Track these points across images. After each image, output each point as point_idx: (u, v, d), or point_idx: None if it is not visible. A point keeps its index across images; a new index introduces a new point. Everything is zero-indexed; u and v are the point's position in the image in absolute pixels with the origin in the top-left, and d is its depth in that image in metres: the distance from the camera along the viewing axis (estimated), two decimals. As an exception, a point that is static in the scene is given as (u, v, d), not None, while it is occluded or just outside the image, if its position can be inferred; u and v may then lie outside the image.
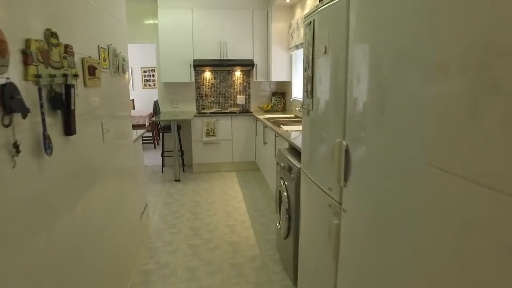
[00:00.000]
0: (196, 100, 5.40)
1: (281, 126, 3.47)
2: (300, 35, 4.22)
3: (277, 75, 4.96)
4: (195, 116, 4.83)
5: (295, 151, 2.44)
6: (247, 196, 4.05)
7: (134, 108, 8.14)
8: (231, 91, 5.44)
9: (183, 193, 4.18)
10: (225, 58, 4.98)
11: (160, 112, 5.28)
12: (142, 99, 8.30)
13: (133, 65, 8.28)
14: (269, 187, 4.14)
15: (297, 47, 4.46)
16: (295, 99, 4.33)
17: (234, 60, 4.96)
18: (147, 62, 8.01)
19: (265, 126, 4.01)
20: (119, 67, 2.27)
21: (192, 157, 4.99)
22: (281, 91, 5.44)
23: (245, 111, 5.16)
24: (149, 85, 8.39)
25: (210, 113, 4.92)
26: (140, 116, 6.57)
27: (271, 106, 5.20)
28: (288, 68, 4.97)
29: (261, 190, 4.22)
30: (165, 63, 4.92)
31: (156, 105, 5.02)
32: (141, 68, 8.28)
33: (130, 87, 8.40)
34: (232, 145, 5.01)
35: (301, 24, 4.17)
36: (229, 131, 4.95)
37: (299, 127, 3.15)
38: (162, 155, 5.16)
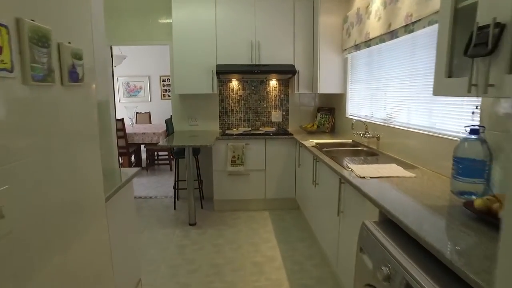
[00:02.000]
0: (219, 117, 4.27)
1: (347, 164, 2.23)
2: (363, 30, 3.00)
3: (326, 86, 3.74)
4: (217, 138, 3.68)
5: (395, 229, 1.21)
6: (285, 250, 2.81)
7: (150, 122, 7.16)
8: (264, 105, 4.27)
9: (198, 247, 3.00)
10: (257, 63, 3.83)
11: (173, 132, 4.18)
12: (161, 112, 7.32)
13: (150, 73, 7.34)
14: (312, 231, 2.89)
15: (357, 47, 3.23)
16: (359, 121, 3.09)
17: (269, 65, 3.80)
18: (166, 69, 7.03)
19: (316, 159, 2.78)
20: (63, 69, 1.15)
21: (213, 190, 3.82)
22: (329, 106, 4.21)
23: (282, 132, 3.96)
24: (169, 96, 7.41)
25: (237, 134, 3.76)
26: (154, 133, 5.53)
27: (317, 126, 3.97)
28: (341, 76, 3.73)
29: (301, 236, 2.97)
30: (181, 70, 3.83)
31: (168, 124, 3.96)
32: (160, 76, 7.32)
33: (147, 98, 7.47)
34: (266, 177, 3.81)
35: (365, 15, 2.93)
36: (262, 159, 3.76)
37: (379, 168, 1.93)
38: (175, 187, 4.04)
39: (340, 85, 3.75)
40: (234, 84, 4.21)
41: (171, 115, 4.37)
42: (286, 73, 3.78)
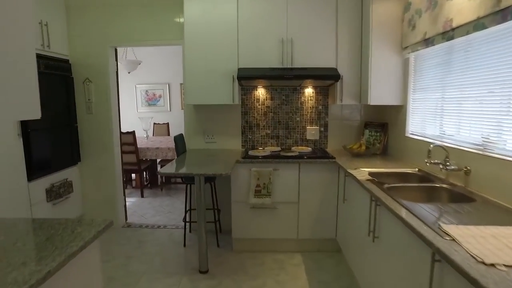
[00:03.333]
0: (242, 133, 3.49)
1: (440, 225, 1.36)
2: (440, 17, 2.13)
3: (380, 95, 2.87)
4: (237, 162, 2.90)
5: None
6: None
7: (168, 134, 6.53)
8: (298, 119, 3.45)
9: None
10: (289, 65, 3.03)
11: (186, 151, 3.44)
12: (181, 123, 6.67)
13: (170, 80, 6.75)
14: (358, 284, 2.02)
15: (426, 42, 2.36)
16: (438, 146, 2.17)
17: (304, 69, 2.98)
18: (187, 77, 6.40)
19: (375, 202, 1.92)
20: None
21: (232, 227, 3.03)
22: (380, 121, 3.32)
23: (321, 153, 3.11)
24: (190, 106, 6.76)
25: (263, 157, 2.95)
26: (169, 149, 4.85)
27: (366, 147, 3.08)
28: (399, 83, 2.85)
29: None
30: (194, 75, 3.10)
31: (177, 141, 3.24)
32: (180, 84, 6.70)
33: (167, 108, 6.87)
34: (299, 212, 2.98)
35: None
36: (294, 189, 2.93)
37: (507, 236, 1.05)
38: (186, 220, 3.28)
39: (397, 94, 2.87)
40: (260, 92, 3.43)
41: (180, 134, 3.64)
42: (327, 78, 2.94)
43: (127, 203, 4.55)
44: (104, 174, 3.59)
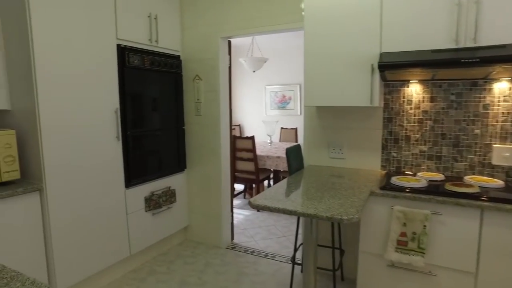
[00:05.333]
0: (382, 148, 2.46)
1: None
2: None
3: None
4: (373, 194, 1.91)
5: None
6: None
7: (296, 141, 5.87)
8: (477, 131, 2.18)
9: None
10: (470, 44, 1.85)
11: (300, 168, 2.63)
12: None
13: (301, 80, 6.09)
14: None
15: None
16: None
17: (501, 47, 1.75)
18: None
19: None
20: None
21: (358, 287, 2.06)
22: None
23: (522, 191, 1.81)
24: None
25: (415, 189, 1.88)
26: (278, 157, 4.17)
27: None
28: None
29: None
30: (315, 66, 2.27)
31: (289, 155, 2.45)
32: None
33: (296, 111, 6.23)
34: (476, 287, 1.77)
35: None
36: (470, 250, 1.74)
37: None
38: (295, 259, 2.48)
39: None
40: (414, 90, 2.32)
41: (295, 146, 2.83)
42: (548, 62, 1.63)
43: (239, 216, 4.09)
44: (211, 184, 3.14)
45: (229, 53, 3.08)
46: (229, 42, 3.07)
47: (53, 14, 2.05)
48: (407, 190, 1.88)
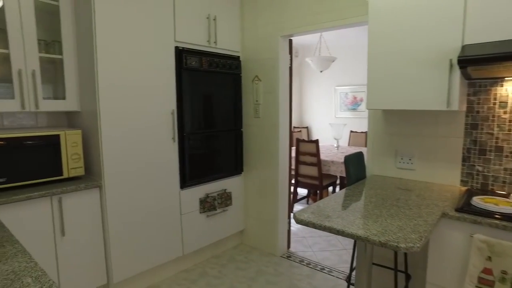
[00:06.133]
0: (463, 160, 2.06)
1: None
2: None
3: None
4: (445, 216, 1.59)
5: None
6: None
7: (365, 146, 5.43)
8: None
9: None
10: None
11: (361, 177, 2.35)
12: (382, 132, 5.45)
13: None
14: None
15: None
16: None
17: None
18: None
19: None
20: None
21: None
22: None
23: None
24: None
25: (505, 215, 1.50)
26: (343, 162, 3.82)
27: None
28: None
29: None
30: (380, 63, 1.99)
31: (348, 163, 2.19)
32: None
33: (367, 114, 5.78)
34: None
35: None
36: None
37: None
38: (350, 279, 2.23)
39: None
40: (510, 89, 1.88)
41: (357, 153, 2.57)
42: None
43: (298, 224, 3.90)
44: (268, 188, 3.03)
45: (290, 53, 2.92)
46: (290, 41, 2.91)
47: (114, 17, 2.14)
48: (496, 214, 1.51)
